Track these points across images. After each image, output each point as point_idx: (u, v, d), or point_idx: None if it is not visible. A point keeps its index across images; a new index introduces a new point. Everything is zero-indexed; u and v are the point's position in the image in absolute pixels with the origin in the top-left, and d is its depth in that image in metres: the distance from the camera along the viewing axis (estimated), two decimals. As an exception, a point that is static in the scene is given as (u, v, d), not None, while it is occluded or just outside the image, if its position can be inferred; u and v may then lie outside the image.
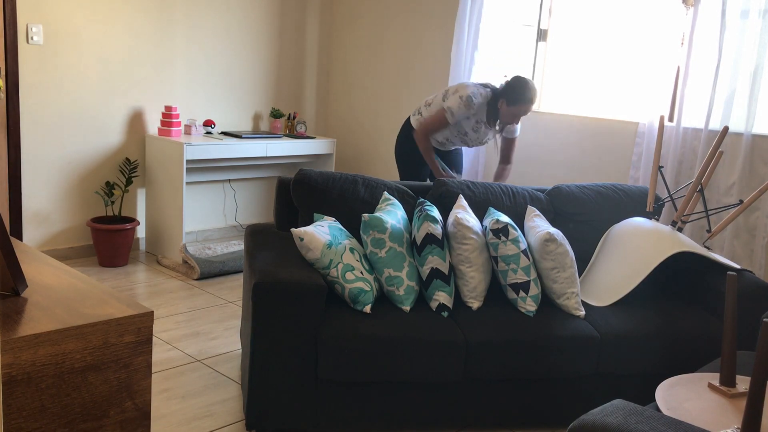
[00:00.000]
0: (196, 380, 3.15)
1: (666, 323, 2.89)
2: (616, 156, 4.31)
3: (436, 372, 2.65)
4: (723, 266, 3.09)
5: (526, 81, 3.83)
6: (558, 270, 2.86)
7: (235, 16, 5.24)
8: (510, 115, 3.88)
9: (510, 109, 3.85)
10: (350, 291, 2.70)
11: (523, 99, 3.81)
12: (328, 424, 2.67)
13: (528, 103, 3.83)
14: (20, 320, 1.49)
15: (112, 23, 4.61)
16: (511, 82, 3.84)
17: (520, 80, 3.83)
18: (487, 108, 3.92)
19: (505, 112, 3.87)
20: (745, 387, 2.11)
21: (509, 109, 3.85)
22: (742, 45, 3.76)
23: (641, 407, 1.62)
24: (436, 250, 2.81)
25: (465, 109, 3.87)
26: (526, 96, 3.81)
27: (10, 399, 1.41)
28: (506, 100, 3.84)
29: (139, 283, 4.38)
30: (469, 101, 3.85)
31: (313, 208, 3.08)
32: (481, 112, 3.92)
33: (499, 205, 3.22)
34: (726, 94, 3.82)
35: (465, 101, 3.85)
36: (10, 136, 4.30)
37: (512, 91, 3.82)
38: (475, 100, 3.86)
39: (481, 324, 2.75)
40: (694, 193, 3.20)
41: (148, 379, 1.63)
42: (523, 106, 3.83)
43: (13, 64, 4.22)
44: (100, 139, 4.69)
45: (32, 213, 4.48)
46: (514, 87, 3.82)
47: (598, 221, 3.36)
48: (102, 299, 1.64)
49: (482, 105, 3.91)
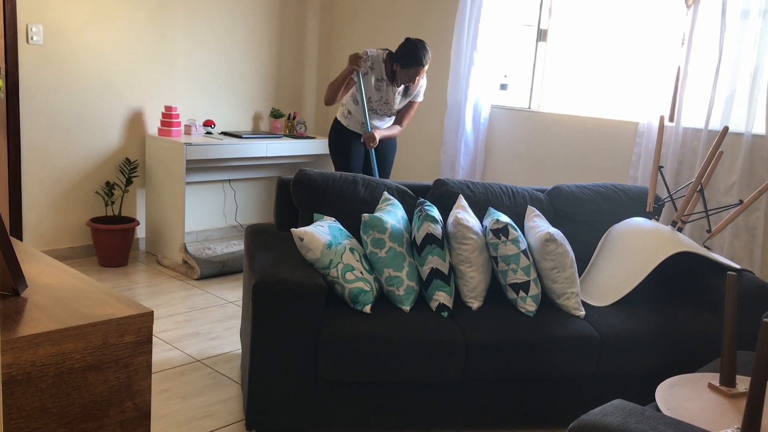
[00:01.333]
0: (196, 380, 3.15)
1: (666, 323, 2.89)
2: (616, 156, 4.31)
3: (436, 372, 2.65)
4: (723, 266, 3.09)
5: (416, 43, 3.95)
6: (558, 270, 2.86)
7: (236, 16, 5.24)
8: (405, 77, 4.01)
9: (404, 72, 3.98)
10: (350, 291, 2.70)
11: (413, 61, 3.94)
12: (328, 424, 2.67)
13: (418, 66, 3.95)
14: (20, 320, 1.49)
15: (112, 23, 4.61)
16: (403, 45, 3.98)
17: (411, 43, 3.96)
18: (384, 66, 4.05)
19: (401, 73, 4.00)
20: (745, 387, 2.11)
21: (404, 71, 3.98)
22: (742, 45, 3.76)
23: (641, 407, 1.62)
24: (436, 250, 2.81)
25: (363, 63, 4.02)
26: (416, 58, 3.93)
27: (10, 399, 1.41)
28: (400, 63, 3.97)
29: (139, 283, 4.38)
30: (365, 53, 4.03)
31: (313, 208, 3.08)
32: (378, 66, 4.05)
33: (499, 205, 3.22)
34: (726, 94, 3.82)
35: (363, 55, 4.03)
36: (10, 136, 4.30)
37: (404, 55, 3.95)
38: (369, 51, 4.04)
39: (481, 324, 2.75)
40: (694, 193, 3.20)
41: (148, 379, 1.63)
42: (414, 68, 3.95)
43: (13, 64, 4.22)
44: (100, 139, 4.69)
45: (32, 213, 4.48)
46: (405, 50, 3.96)
47: (598, 221, 3.36)
48: (102, 299, 1.64)
49: (378, 59, 4.05)
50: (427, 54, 3.97)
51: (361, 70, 4.02)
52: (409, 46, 3.96)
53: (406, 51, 3.96)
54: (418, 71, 3.98)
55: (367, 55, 4.03)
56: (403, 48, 3.98)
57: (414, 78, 4.01)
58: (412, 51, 3.94)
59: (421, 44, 3.96)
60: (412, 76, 4.00)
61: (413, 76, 4.00)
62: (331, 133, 4.33)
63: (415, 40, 3.98)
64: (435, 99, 5.16)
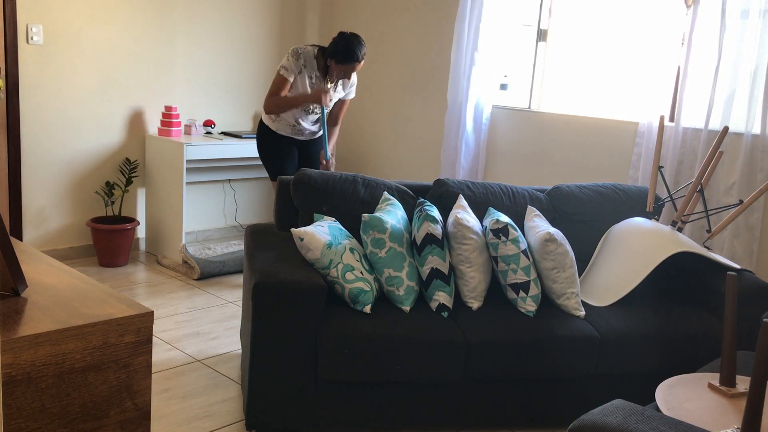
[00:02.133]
0: (196, 380, 3.15)
1: (666, 323, 2.89)
2: (616, 156, 4.31)
3: (436, 372, 2.65)
4: (723, 266, 3.09)
5: (351, 38, 3.82)
6: (558, 270, 2.86)
7: (235, 16, 5.24)
8: (341, 73, 3.88)
9: (340, 67, 3.85)
10: (350, 291, 2.70)
11: (349, 57, 3.81)
12: (328, 424, 2.67)
13: (355, 62, 3.83)
14: (20, 320, 1.49)
15: (112, 23, 4.61)
16: (338, 40, 3.84)
17: (346, 38, 3.83)
18: (316, 62, 3.92)
19: (335, 69, 3.87)
20: (745, 387, 2.11)
21: (339, 67, 3.85)
22: (741, 45, 3.76)
23: (641, 407, 1.62)
24: (436, 250, 2.81)
25: (294, 59, 3.88)
26: (351, 54, 3.80)
27: (10, 399, 1.41)
28: (334, 59, 3.84)
29: (139, 283, 4.38)
30: (295, 51, 3.88)
31: (313, 208, 3.08)
32: (310, 62, 3.91)
33: (499, 205, 3.22)
34: (726, 94, 3.82)
35: (292, 53, 3.89)
36: (10, 136, 4.30)
37: (339, 51, 3.82)
38: (300, 49, 3.89)
39: (481, 324, 2.75)
40: (694, 193, 3.20)
41: (148, 379, 1.63)
42: (350, 64, 3.83)
43: (13, 64, 4.22)
44: (100, 139, 4.69)
45: (32, 213, 4.48)
46: (340, 46, 3.82)
47: (598, 221, 3.36)
48: (102, 299, 1.64)
49: (310, 55, 3.91)
50: (362, 49, 3.84)
51: (326, 104, 3.93)
52: (344, 42, 3.82)
53: (341, 47, 3.82)
54: (354, 67, 3.86)
55: (297, 53, 3.88)
56: (338, 43, 3.83)
57: (349, 74, 3.89)
58: (347, 47, 3.80)
59: (356, 39, 3.84)
60: (348, 72, 3.87)
61: (349, 72, 3.87)
62: (259, 138, 4.16)
63: (350, 35, 3.85)
64: (435, 99, 5.17)
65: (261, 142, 4.16)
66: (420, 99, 5.29)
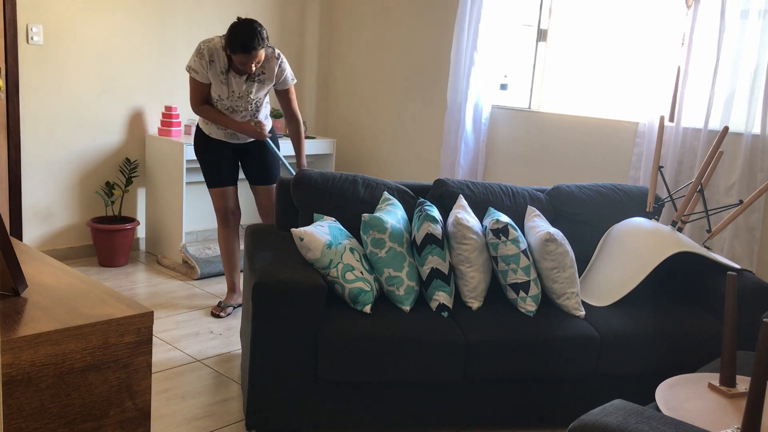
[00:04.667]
0: (196, 380, 3.15)
1: (666, 323, 2.89)
2: (616, 156, 4.31)
3: (436, 372, 2.65)
4: (723, 266, 3.09)
5: (237, 26, 3.41)
6: (558, 270, 2.86)
7: (236, 16, 5.23)
8: (238, 64, 3.46)
9: (235, 58, 3.44)
10: (350, 291, 2.70)
11: (236, 47, 3.39)
12: (328, 424, 2.67)
13: (243, 51, 3.38)
14: (20, 320, 1.49)
15: (112, 23, 4.60)
16: (229, 28, 3.44)
17: (236, 24, 3.43)
18: (225, 54, 3.52)
19: (234, 60, 3.47)
20: (745, 387, 2.11)
21: (234, 58, 3.45)
22: (741, 45, 3.76)
23: (641, 407, 1.62)
24: (436, 250, 2.81)
25: (198, 58, 3.51)
26: (239, 43, 3.37)
27: (10, 399, 1.41)
28: (228, 48, 3.45)
29: (139, 283, 4.38)
30: (198, 49, 3.52)
31: (313, 208, 3.08)
32: (218, 56, 3.52)
33: (499, 205, 3.22)
34: (726, 94, 3.82)
35: (195, 51, 3.54)
36: (10, 136, 4.30)
37: (228, 39, 3.42)
38: (203, 45, 3.52)
39: (481, 324, 2.75)
40: (694, 193, 3.20)
41: (148, 379, 1.63)
42: (241, 55, 3.40)
43: (13, 64, 4.22)
44: (100, 139, 4.69)
45: (32, 213, 4.48)
46: (229, 34, 3.42)
47: (598, 221, 3.36)
48: (102, 299, 1.64)
49: (216, 49, 3.51)
50: (254, 39, 3.36)
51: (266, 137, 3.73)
52: (233, 30, 3.40)
53: (230, 35, 3.41)
54: (247, 58, 3.40)
55: (200, 50, 3.51)
56: (228, 31, 3.43)
57: (247, 65, 3.44)
58: (233, 36, 3.39)
59: (248, 26, 3.38)
60: (243, 63, 3.43)
61: (245, 63, 3.42)
62: (195, 143, 3.87)
63: (241, 21, 3.42)
64: (435, 99, 5.17)
65: (195, 147, 3.88)
66: (420, 99, 5.29)
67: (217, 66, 3.55)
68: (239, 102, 3.65)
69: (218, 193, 3.87)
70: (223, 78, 3.57)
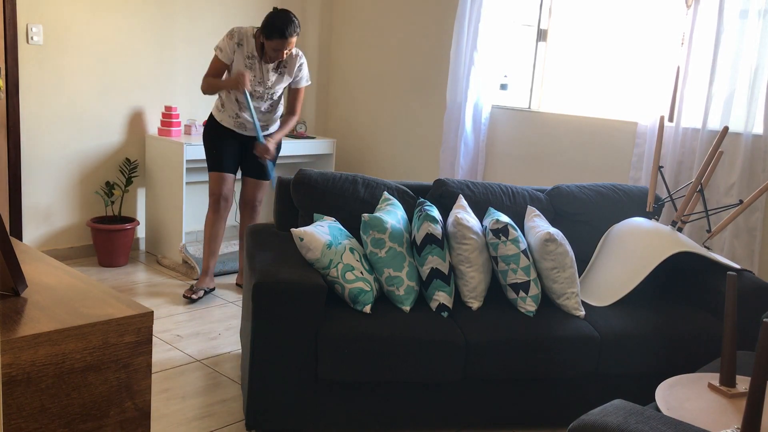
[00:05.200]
0: (196, 380, 3.15)
1: (666, 323, 2.89)
2: (616, 156, 4.31)
3: (436, 372, 2.65)
4: (723, 266, 3.09)
5: (280, 14, 3.69)
6: (558, 270, 2.86)
7: (235, 16, 5.24)
8: (271, 50, 3.73)
9: (269, 44, 3.71)
10: (350, 291, 2.70)
11: (275, 33, 3.66)
12: (328, 424, 2.67)
13: (281, 38, 3.67)
14: (20, 320, 1.49)
15: (113, 23, 4.60)
16: (267, 16, 3.73)
17: (274, 13, 3.71)
18: (254, 41, 3.80)
19: (267, 47, 3.74)
20: (745, 387, 2.11)
21: (268, 44, 3.71)
22: (741, 45, 3.76)
23: (641, 407, 1.62)
24: (436, 250, 2.81)
25: (228, 38, 3.80)
26: (277, 30, 3.65)
27: (10, 399, 1.41)
28: (264, 35, 3.71)
29: (139, 283, 4.38)
30: (231, 31, 3.81)
31: (313, 208, 3.08)
32: (247, 42, 3.80)
33: (499, 205, 3.22)
34: (725, 94, 3.82)
35: (228, 33, 3.82)
36: (10, 136, 4.30)
37: (266, 25, 3.69)
38: (236, 29, 3.80)
39: (481, 324, 2.75)
40: (694, 193, 3.20)
41: (148, 379, 1.63)
42: (276, 40, 3.67)
43: (13, 64, 4.22)
44: (100, 139, 4.69)
45: (32, 213, 4.48)
46: (267, 21, 3.70)
47: (598, 221, 3.36)
48: (102, 299, 1.64)
49: (247, 35, 3.80)
50: (290, 25, 3.66)
51: (247, 88, 3.79)
52: (271, 17, 3.69)
53: (268, 21, 3.69)
54: (282, 44, 3.68)
55: (232, 33, 3.79)
56: (266, 18, 3.71)
57: (280, 52, 3.72)
58: (274, 22, 3.67)
59: (285, 15, 3.68)
60: (277, 49, 3.70)
61: (278, 49, 3.70)
62: (205, 127, 4.10)
63: (280, 11, 3.70)
64: (435, 99, 5.16)
65: (205, 133, 4.10)
66: (419, 99, 5.29)
67: (245, 50, 3.81)
68: (259, 87, 3.89)
69: (217, 177, 4.05)
70: (248, 62, 3.83)
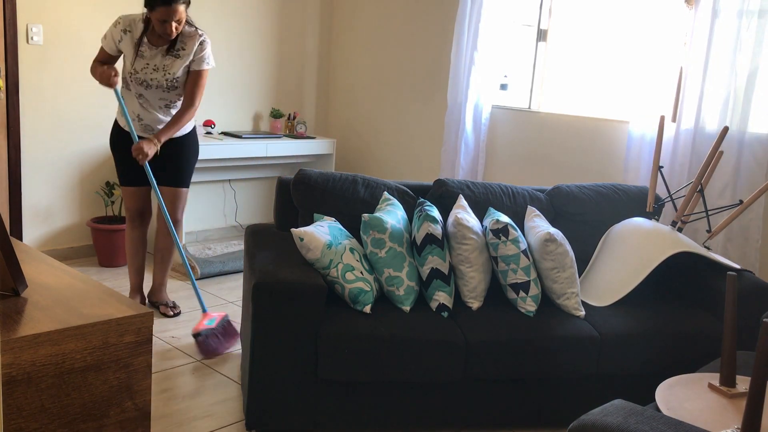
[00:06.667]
0: (196, 380, 3.15)
1: (666, 323, 2.89)
2: (615, 156, 4.30)
3: (436, 372, 2.65)
4: (723, 266, 3.09)
5: None
6: (558, 270, 2.86)
7: (235, 16, 5.24)
8: (158, 24, 3.37)
9: (154, 15, 3.36)
10: (350, 291, 2.70)
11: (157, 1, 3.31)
12: (328, 424, 2.67)
13: (163, 3, 3.31)
14: (20, 320, 1.49)
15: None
16: None
17: None
18: (143, 25, 3.48)
19: (153, 21, 3.40)
20: (745, 387, 2.11)
21: (153, 16, 3.36)
22: (741, 45, 3.76)
23: (641, 407, 1.62)
24: (436, 250, 2.81)
25: (113, 28, 3.50)
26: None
27: (10, 399, 1.41)
28: (146, 4, 3.38)
29: (139, 283, 4.37)
30: (117, 19, 3.52)
31: (313, 208, 3.08)
32: (136, 27, 3.49)
33: (499, 205, 3.22)
34: (725, 94, 3.82)
35: (114, 21, 3.53)
36: (10, 136, 4.30)
37: None
38: (120, 17, 3.51)
39: (481, 324, 2.75)
40: (694, 193, 3.20)
41: (148, 379, 1.63)
42: (159, 9, 3.32)
43: (13, 64, 4.22)
44: (100, 139, 4.69)
45: (32, 213, 4.48)
46: None
47: (598, 221, 3.36)
48: (102, 299, 1.64)
49: (135, 20, 3.49)
50: None
51: (117, 87, 3.53)
52: None
53: None
54: (168, 13, 3.32)
55: (117, 21, 3.49)
56: None
57: (168, 24, 3.36)
58: None
59: None
60: (164, 20, 3.34)
61: (165, 20, 3.34)
62: (110, 136, 3.75)
63: None
64: (435, 99, 5.16)
65: (110, 141, 3.74)
66: (420, 99, 5.29)
67: (134, 35, 3.50)
68: (155, 74, 3.53)
69: (129, 192, 3.74)
70: (140, 50, 3.51)
